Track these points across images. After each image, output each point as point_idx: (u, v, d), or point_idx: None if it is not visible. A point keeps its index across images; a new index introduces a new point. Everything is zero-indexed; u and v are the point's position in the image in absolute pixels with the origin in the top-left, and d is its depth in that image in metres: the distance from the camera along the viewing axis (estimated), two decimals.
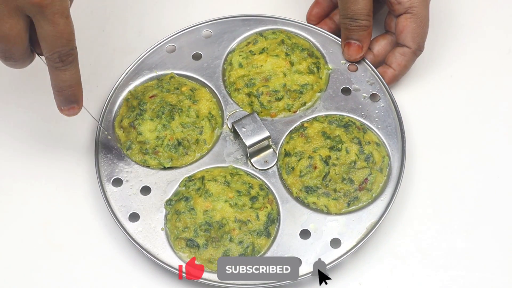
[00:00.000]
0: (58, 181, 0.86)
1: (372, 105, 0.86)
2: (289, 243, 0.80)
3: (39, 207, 0.85)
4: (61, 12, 0.70)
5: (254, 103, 0.86)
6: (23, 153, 0.88)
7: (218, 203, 0.81)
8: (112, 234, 0.83)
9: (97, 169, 0.84)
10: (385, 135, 0.85)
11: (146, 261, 0.81)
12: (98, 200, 0.84)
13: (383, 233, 0.82)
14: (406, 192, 0.84)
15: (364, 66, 0.88)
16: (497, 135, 0.88)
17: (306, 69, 0.87)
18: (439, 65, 0.92)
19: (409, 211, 0.84)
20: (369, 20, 0.86)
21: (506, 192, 0.85)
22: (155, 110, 0.85)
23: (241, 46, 0.90)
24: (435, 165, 0.86)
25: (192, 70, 0.89)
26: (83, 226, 0.84)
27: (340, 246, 0.79)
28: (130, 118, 0.86)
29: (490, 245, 0.82)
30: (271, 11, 0.93)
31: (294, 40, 0.89)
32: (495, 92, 0.91)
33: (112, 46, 0.94)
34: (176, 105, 0.85)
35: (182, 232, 0.80)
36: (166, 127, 0.84)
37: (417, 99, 0.90)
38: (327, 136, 0.84)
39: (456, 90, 0.91)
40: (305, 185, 0.82)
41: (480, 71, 0.92)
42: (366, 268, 0.81)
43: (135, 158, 0.84)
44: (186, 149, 0.84)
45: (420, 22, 0.85)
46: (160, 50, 0.90)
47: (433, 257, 0.82)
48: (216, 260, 0.79)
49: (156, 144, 0.84)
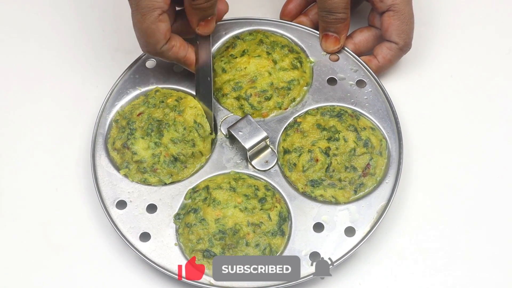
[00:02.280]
0: (59, 209, 0.85)
1: (360, 91, 0.87)
2: (304, 238, 0.80)
3: (38, 211, 0.85)
4: None
5: (244, 105, 0.86)
6: (23, 158, 0.87)
7: (228, 209, 0.80)
8: (121, 256, 0.82)
9: (98, 194, 0.82)
10: (378, 118, 0.86)
11: (164, 278, 0.80)
12: (104, 223, 0.82)
13: (383, 233, 0.83)
14: (407, 174, 0.85)
15: (345, 55, 0.89)
16: (492, 120, 0.89)
17: (289, 65, 0.88)
18: (439, 64, 0.93)
19: (412, 195, 0.85)
20: (346, 13, 0.87)
21: (505, 187, 0.86)
22: (144, 128, 0.84)
23: (220, 51, 0.90)
24: (432, 153, 0.88)
25: (175, 82, 0.88)
26: (94, 252, 0.83)
27: (355, 234, 0.80)
28: (122, 139, 0.84)
29: (489, 241, 0.83)
30: (244, 13, 0.93)
31: (272, 39, 0.90)
32: (495, 92, 0.92)
33: (113, 46, 0.93)
34: (162, 120, 0.84)
35: (196, 244, 0.79)
36: (158, 145, 0.83)
37: (416, 99, 0.91)
38: (322, 128, 0.84)
39: (456, 90, 0.92)
40: (310, 179, 0.82)
41: (480, 71, 0.93)
42: (366, 268, 0.82)
43: (134, 179, 0.83)
44: (184, 163, 0.83)
45: (403, 18, 0.86)
46: (140, 66, 0.89)
47: (433, 256, 0.82)
48: None
49: (153, 162, 0.83)
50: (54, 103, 0.91)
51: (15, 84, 0.92)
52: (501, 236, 0.83)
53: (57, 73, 0.92)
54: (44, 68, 0.92)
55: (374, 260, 0.82)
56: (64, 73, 0.92)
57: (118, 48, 0.93)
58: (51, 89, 0.92)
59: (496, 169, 0.87)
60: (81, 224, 0.84)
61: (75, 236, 0.83)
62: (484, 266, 0.82)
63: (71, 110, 0.90)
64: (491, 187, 0.86)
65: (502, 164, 0.87)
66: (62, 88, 0.91)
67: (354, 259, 0.82)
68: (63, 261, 0.82)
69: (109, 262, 0.82)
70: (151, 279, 0.81)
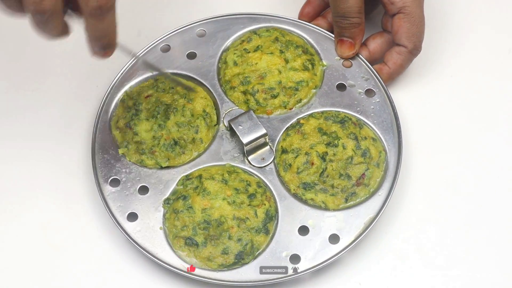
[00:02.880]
0: (55, 182, 0.86)
1: (367, 101, 0.87)
2: (287, 239, 0.80)
3: (36, 207, 0.85)
4: None
5: (250, 101, 0.87)
6: (20, 154, 0.88)
7: (216, 201, 0.81)
8: (111, 234, 0.83)
9: (95, 170, 0.84)
10: (381, 130, 0.85)
11: (145, 260, 0.81)
12: (96, 201, 0.84)
13: (383, 232, 0.83)
14: (403, 187, 0.84)
15: (359, 62, 0.89)
16: (495, 134, 0.88)
17: (301, 66, 0.88)
18: (439, 65, 0.92)
19: (406, 206, 0.84)
20: (360, 17, 0.86)
21: (503, 188, 0.85)
22: (150, 110, 0.85)
23: (235, 45, 0.90)
24: (432, 160, 0.87)
25: (187, 69, 0.89)
26: (82, 226, 0.84)
27: (339, 242, 0.80)
28: (126, 118, 0.86)
29: (488, 241, 0.83)
30: (265, 9, 0.93)
31: (288, 38, 0.90)
32: (494, 92, 0.91)
33: None
34: (171, 104, 0.85)
35: (180, 230, 0.80)
36: (162, 127, 0.84)
37: (416, 98, 0.90)
38: (323, 132, 0.84)
39: (456, 90, 0.91)
40: (303, 182, 0.82)
41: (480, 71, 0.92)
42: (366, 268, 0.82)
43: (131, 158, 0.84)
44: (183, 148, 0.84)
45: (414, 21, 0.85)
46: (154, 50, 0.90)
47: (433, 256, 0.82)
48: (215, 258, 0.79)
49: (153, 144, 0.84)
50: (53, 102, 0.91)
51: (15, 83, 0.93)
52: (499, 233, 0.83)
53: (58, 73, 0.93)
54: (44, 68, 0.93)
55: (374, 260, 0.82)
56: (64, 73, 0.93)
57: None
58: (51, 88, 0.92)
59: (493, 167, 0.86)
60: (74, 201, 0.85)
61: (65, 209, 0.85)
62: (484, 264, 0.81)
63: (71, 108, 0.91)
64: (488, 184, 0.85)
65: (500, 163, 0.86)
66: (62, 87, 0.92)
67: (354, 259, 0.81)
68: (61, 258, 0.83)
69: (99, 237, 0.84)
70: (132, 260, 0.82)
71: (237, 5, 0.95)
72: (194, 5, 0.97)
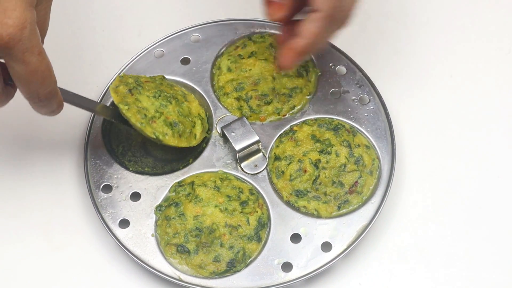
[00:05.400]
0: (46, 188, 0.86)
1: (361, 108, 0.86)
2: (280, 247, 0.79)
3: (27, 213, 0.85)
4: (31, 49, 0.63)
5: (243, 107, 0.86)
6: (11, 158, 0.88)
7: (208, 208, 0.80)
8: (102, 240, 0.83)
9: (86, 175, 0.83)
10: (374, 137, 0.85)
11: (136, 267, 0.81)
12: (88, 207, 0.83)
13: (383, 232, 0.82)
14: (396, 195, 0.84)
15: (353, 69, 0.88)
16: (494, 136, 0.88)
17: (295, 72, 0.87)
18: (438, 65, 0.92)
19: (399, 214, 0.84)
20: None
21: (499, 193, 0.85)
22: (151, 92, 0.83)
23: (229, 50, 0.90)
24: (425, 167, 0.86)
25: (180, 75, 0.89)
26: (73, 232, 0.84)
27: (331, 250, 0.79)
28: (128, 85, 0.82)
29: (481, 246, 0.82)
30: (260, 15, 0.92)
31: None
32: (494, 92, 0.90)
33: (113, 47, 0.94)
34: (173, 93, 0.84)
35: (172, 238, 0.80)
36: (163, 107, 0.83)
37: (410, 106, 0.89)
38: (316, 139, 0.83)
39: (451, 99, 0.90)
40: (295, 189, 0.82)
41: (480, 71, 0.91)
42: (366, 268, 0.81)
43: (133, 118, 0.79)
44: (181, 132, 0.83)
45: None
46: (148, 55, 0.90)
47: (425, 265, 0.81)
48: (207, 266, 0.78)
49: (154, 115, 0.81)
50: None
51: None
52: (494, 237, 0.83)
53: (57, 73, 0.93)
54: None
55: (374, 260, 0.82)
56: (63, 73, 0.93)
57: (117, 48, 0.94)
58: None
59: (491, 171, 0.85)
60: (66, 207, 0.85)
61: (56, 215, 0.85)
62: (479, 267, 0.81)
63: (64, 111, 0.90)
64: (483, 189, 0.85)
65: (498, 166, 0.86)
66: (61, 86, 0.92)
67: (354, 259, 0.81)
68: (54, 263, 0.83)
69: (90, 244, 0.84)
70: (124, 268, 0.82)
71: (232, 11, 0.95)
72: (189, 11, 0.96)
